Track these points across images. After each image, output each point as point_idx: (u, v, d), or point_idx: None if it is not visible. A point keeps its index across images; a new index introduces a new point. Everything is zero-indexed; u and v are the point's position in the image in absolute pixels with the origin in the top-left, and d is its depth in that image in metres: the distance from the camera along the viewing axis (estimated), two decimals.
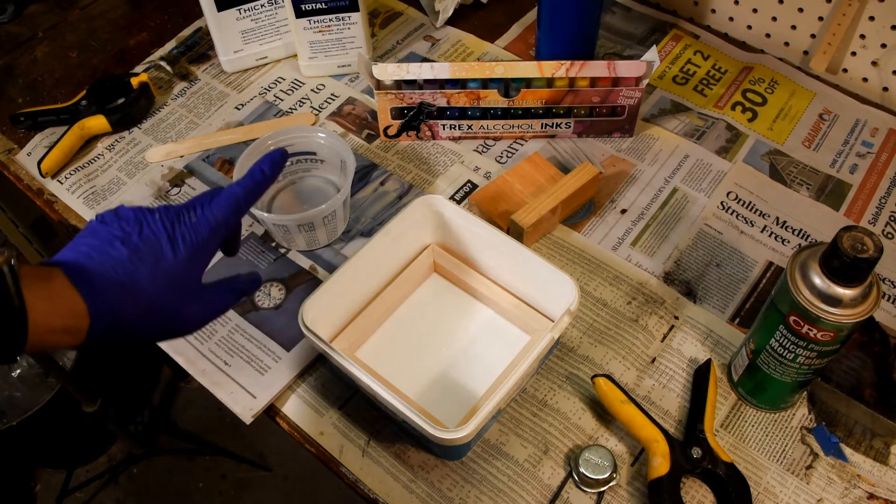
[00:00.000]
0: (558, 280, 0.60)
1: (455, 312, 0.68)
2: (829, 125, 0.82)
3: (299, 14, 0.81)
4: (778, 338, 0.54)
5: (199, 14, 0.85)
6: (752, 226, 0.74)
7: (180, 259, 0.47)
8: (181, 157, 0.82)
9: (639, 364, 0.65)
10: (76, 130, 0.81)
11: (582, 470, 0.57)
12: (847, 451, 0.60)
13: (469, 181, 0.78)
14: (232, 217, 0.50)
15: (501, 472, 0.59)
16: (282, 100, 0.87)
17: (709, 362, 0.62)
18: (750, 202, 0.76)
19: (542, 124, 0.80)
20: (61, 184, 0.80)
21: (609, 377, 0.59)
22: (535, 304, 0.65)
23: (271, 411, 0.64)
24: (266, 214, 0.67)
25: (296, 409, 0.64)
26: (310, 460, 0.87)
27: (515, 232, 0.70)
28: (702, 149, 0.80)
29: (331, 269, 0.71)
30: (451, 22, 0.95)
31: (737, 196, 0.76)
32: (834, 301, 0.49)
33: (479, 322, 0.67)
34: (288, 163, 0.76)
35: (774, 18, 0.88)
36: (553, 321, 0.64)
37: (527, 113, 0.78)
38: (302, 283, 0.71)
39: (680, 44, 0.91)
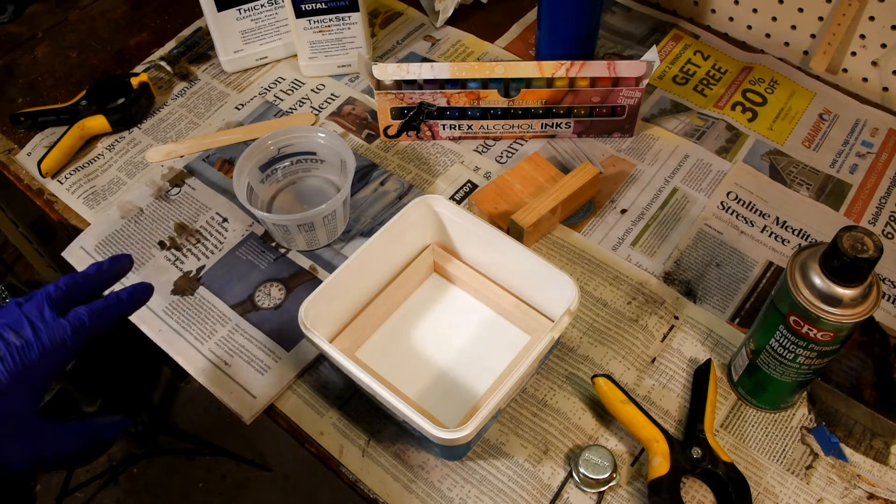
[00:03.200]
0: (558, 280, 0.60)
1: (455, 312, 0.68)
2: (829, 125, 0.82)
3: (299, 14, 0.81)
4: (778, 338, 0.54)
5: (199, 14, 0.85)
6: (752, 226, 0.74)
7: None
8: (181, 157, 0.82)
9: (639, 364, 0.65)
10: (76, 130, 0.81)
11: (582, 470, 0.57)
12: (847, 451, 0.60)
13: (469, 181, 0.78)
14: (72, 341, 0.44)
15: (501, 472, 0.59)
16: (282, 100, 0.87)
17: (709, 362, 0.62)
18: (750, 202, 0.76)
19: (542, 124, 0.80)
20: (61, 184, 0.80)
21: (609, 377, 0.59)
22: (535, 304, 0.65)
23: (271, 411, 0.64)
24: (266, 214, 0.67)
25: (296, 409, 0.64)
26: (310, 460, 0.87)
27: (515, 232, 0.70)
28: (702, 149, 0.80)
29: (331, 269, 0.71)
30: (451, 22, 0.95)
31: (737, 196, 0.76)
32: (834, 301, 0.49)
33: (479, 322, 0.67)
34: (288, 162, 0.76)
35: (774, 18, 0.88)
36: (553, 321, 0.64)
37: (527, 113, 0.78)
38: (302, 283, 0.71)
39: (680, 44, 0.91)
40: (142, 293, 0.50)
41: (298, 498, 1.43)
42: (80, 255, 0.74)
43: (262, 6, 0.85)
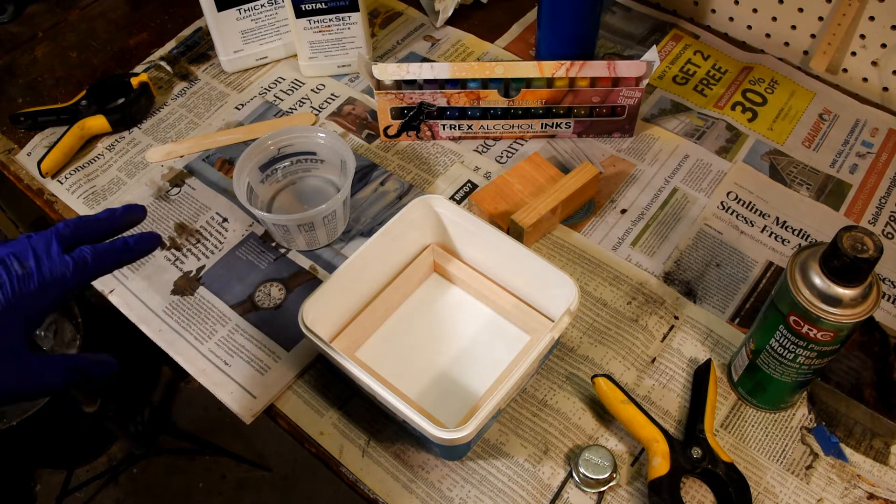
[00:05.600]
0: (558, 280, 0.60)
1: (455, 312, 0.68)
2: (829, 125, 0.82)
3: (299, 14, 0.81)
4: (778, 338, 0.54)
5: (199, 14, 0.85)
6: (752, 226, 0.74)
7: None
8: (181, 157, 0.82)
9: (639, 364, 0.65)
10: (76, 130, 0.81)
11: (582, 470, 0.57)
12: (847, 451, 0.60)
13: (469, 181, 0.78)
14: (71, 277, 0.45)
15: (501, 472, 0.59)
16: (282, 100, 0.87)
17: (709, 362, 0.62)
18: (750, 202, 0.76)
19: (542, 124, 0.80)
20: (61, 184, 0.80)
21: (609, 377, 0.59)
22: (535, 304, 0.65)
23: (271, 411, 0.64)
24: (266, 214, 0.67)
25: (296, 409, 0.64)
26: (310, 460, 0.87)
27: (515, 232, 0.70)
28: (702, 149, 0.80)
29: (331, 269, 0.71)
30: (451, 22, 0.95)
31: (737, 196, 0.76)
32: (834, 301, 0.49)
33: (479, 322, 0.67)
34: (288, 162, 0.76)
35: (774, 18, 0.88)
36: (553, 321, 0.64)
37: (527, 113, 0.78)
38: (302, 283, 0.71)
39: (680, 44, 0.91)
40: (149, 241, 0.50)
41: (298, 498, 1.43)
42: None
43: (262, 6, 0.85)
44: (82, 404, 1.17)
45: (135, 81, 0.84)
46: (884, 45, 0.81)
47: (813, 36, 0.86)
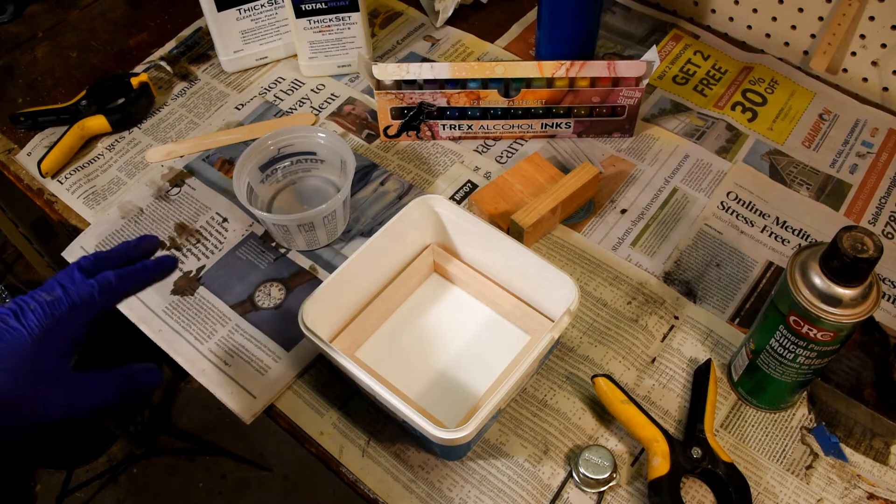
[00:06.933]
0: (558, 280, 0.60)
1: (455, 312, 0.68)
2: (829, 125, 0.82)
3: (299, 14, 0.81)
4: (778, 338, 0.54)
5: (199, 14, 0.85)
6: (752, 226, 0.74)
7: (32, 336, 0.43)
8: (181, 157, 0.82)
9: (639, 364, 0.65)
10: (76, 130, 0.81)
11: (582, 470, 0.57)
12: (847, 451, 0.60)
13: (469, 181, 0.78)
14: (99, 297, 0.46)
15: (501, 472, 0.59)
16: (282, 100, 0.87)
17: (709, 362, 0.62)
18: (750, 202, 0.76)
19: (542, 124, 0.80)
20: (61, 184, 0.80)
21: (609, 377, 0.60)
22: (535, 304, 0.65)
23: (271, 411, 0.64)
24: (266, 214, 0.67)
25: (296, 409, 0.64)
26: (310, 460, 0.87)
27: (515, 232, 0.70)
28: (702, 149, 0.80)
29: (331, 269, 0.71)
30: (451, 22, 0.95)
31: (737, 196, 0.76)
32: (834, 301, 0.49)
33: (479, 322, 0.67)
34: (288, 162, 0.76)
35: (774, 18, 0.88)
36: (553, 321, 0.64)
37: (527, 113, 0.78)
38: (302, 283, 0.71)
39: (680, 44, 0.91)
40: (168, 264, 0.53)
41: (298, 498, 1.44)
42: (80, 255, 0.74)
43: (262, 6, 0.85)
44: None
45: (135, 81, 0.84)
46: (884, 45, 0.81)
47: (813, 36, 0.86)
